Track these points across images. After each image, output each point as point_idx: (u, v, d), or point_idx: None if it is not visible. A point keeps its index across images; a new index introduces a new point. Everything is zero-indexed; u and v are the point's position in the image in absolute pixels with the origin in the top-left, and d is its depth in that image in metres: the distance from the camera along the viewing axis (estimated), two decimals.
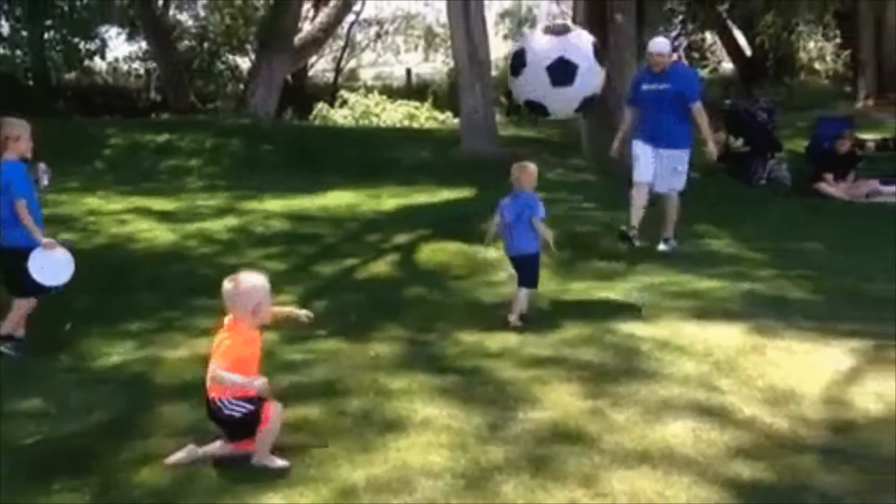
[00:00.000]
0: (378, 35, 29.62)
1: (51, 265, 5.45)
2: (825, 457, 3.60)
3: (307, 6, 20.49)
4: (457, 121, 14.81)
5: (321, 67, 27.01)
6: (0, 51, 18.59)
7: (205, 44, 23.22)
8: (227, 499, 3.41)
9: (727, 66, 26.13)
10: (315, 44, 20.03)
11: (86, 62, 19.80)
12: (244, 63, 23.46)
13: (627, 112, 7.79)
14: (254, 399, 3.63)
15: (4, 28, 18.44)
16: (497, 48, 17.09)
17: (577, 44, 6.88)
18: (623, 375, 4.51)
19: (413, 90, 23.37)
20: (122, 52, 23.60)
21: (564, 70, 6.63)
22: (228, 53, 23.55)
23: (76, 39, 18.51)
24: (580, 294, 6.27)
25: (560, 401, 4.21)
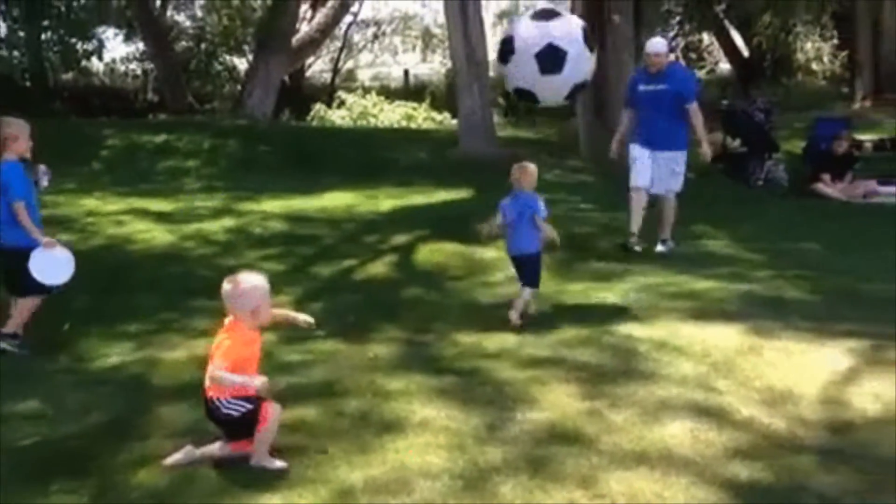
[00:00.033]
0: (375, 36, 29.63)
1: (51, 264, 5.46)
2: (823, 457, 3.61)
3: (304, 7, 20.46)
4: (455, 121, 14.80)
5: (318, 68, 27.01)
6: None
7: (202, 45, 23.25)
8: (226, 500, 3.41)
9: (724, 67, 26.16)
10: (312, 44, 19.99)
11: (83, 63, 19.83)
12: (241, 64, 23.48)
13: (624, 114, 7.79)
14: (253, 398, 3.63)
15: (2, 29, 18.47)
16: (495, 49, 17.03)
17: (567, 29, 6.68)
18: (621, 376, 4.50)
19: (411, 91, 23.37)
20: (120, 53, 23.68)
21: (553, 57, 6.43)
22: (226, 54, 23.58)
23: (73, 40, 18.49)
24: (578, 295, 6.26)
25: (558, 401, 4.21)
